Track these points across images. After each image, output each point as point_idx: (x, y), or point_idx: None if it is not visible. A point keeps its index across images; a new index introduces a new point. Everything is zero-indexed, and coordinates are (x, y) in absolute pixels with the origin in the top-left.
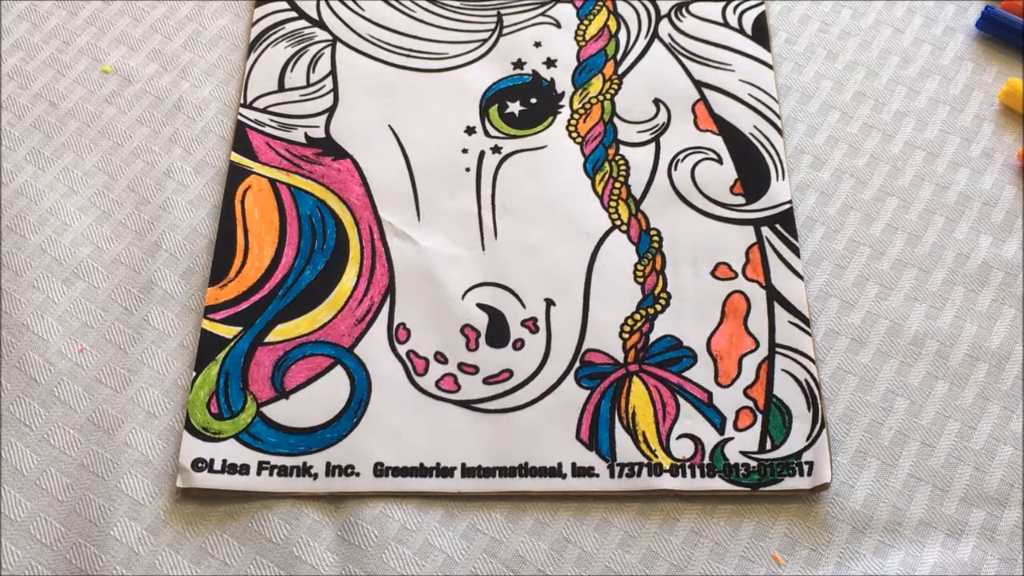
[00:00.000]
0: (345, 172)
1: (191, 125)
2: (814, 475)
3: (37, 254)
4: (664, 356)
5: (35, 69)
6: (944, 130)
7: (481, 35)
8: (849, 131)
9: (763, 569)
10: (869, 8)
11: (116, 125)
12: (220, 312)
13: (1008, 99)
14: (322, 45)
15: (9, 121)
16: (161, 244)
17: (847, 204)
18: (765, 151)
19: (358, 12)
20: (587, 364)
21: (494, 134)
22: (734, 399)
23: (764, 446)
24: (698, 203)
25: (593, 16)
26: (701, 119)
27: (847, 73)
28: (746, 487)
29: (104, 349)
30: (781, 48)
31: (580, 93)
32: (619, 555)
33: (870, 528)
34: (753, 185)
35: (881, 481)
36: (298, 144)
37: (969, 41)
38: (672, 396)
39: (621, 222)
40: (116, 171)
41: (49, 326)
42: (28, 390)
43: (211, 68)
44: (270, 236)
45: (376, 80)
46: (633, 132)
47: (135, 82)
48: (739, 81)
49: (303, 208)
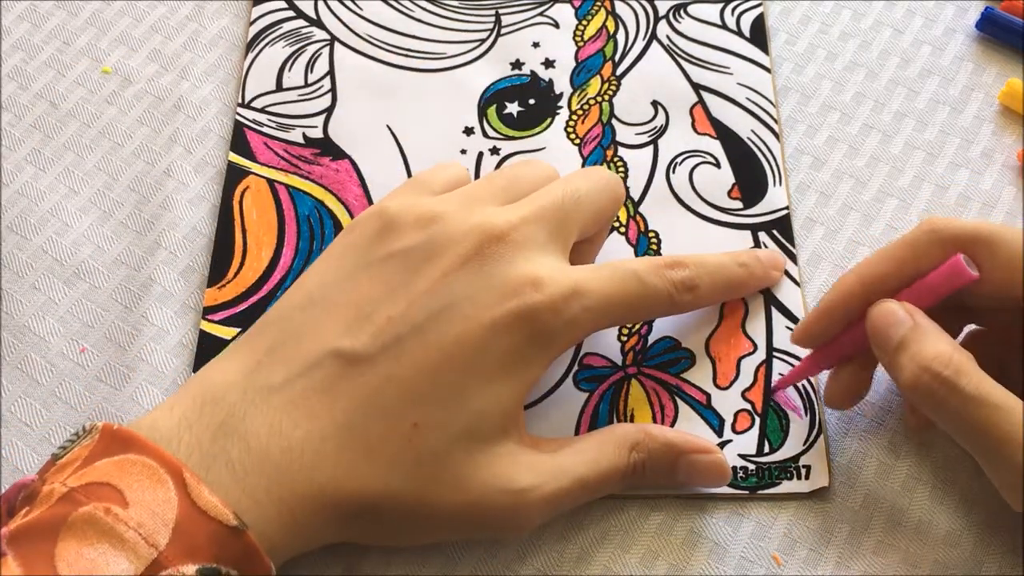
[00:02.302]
0: (343, 172)
1: (191, 125)
2: (812, 479)
3: (38, 255)
4: (663, 358)
5: (35, 70)
6: (944, 131)
7: (479, 35)
8: (849, 132)
9: (763, 569)
10: (869, 9)
11: (116, 125)
12: (219, 313)
13: (1008, 100)
14: (320, 45)
15: (9, 122)
16: (161, 242)
17: (847, 205)
18: (762, 156)
19: (356, 11)
20: (585, 367)
21: (492, 135)
22: (732, 401)
23: (762, 449)
24: (696, 206)
25: (591, 17)
26: (699, 122)
27: (847, 74)
28: (744, 490)
29: (104, 348)
30: (781, 49)
31: (578, 94)
32: (619, 555)
33: (870, 528)
34: (750, 190)
35: (881, 481)
36: (296, 144)
37: (969, 42)
38: (670, 398)
39: (619, 223)
40: (116, 171)
41: (51, 327)
42: (29, 391)
43: (211, 68)
44: (268, 237)
45: (374, 80)
46: (631, 134)
47: (135, 82)
48: (737, 84)
49: (301, 209)
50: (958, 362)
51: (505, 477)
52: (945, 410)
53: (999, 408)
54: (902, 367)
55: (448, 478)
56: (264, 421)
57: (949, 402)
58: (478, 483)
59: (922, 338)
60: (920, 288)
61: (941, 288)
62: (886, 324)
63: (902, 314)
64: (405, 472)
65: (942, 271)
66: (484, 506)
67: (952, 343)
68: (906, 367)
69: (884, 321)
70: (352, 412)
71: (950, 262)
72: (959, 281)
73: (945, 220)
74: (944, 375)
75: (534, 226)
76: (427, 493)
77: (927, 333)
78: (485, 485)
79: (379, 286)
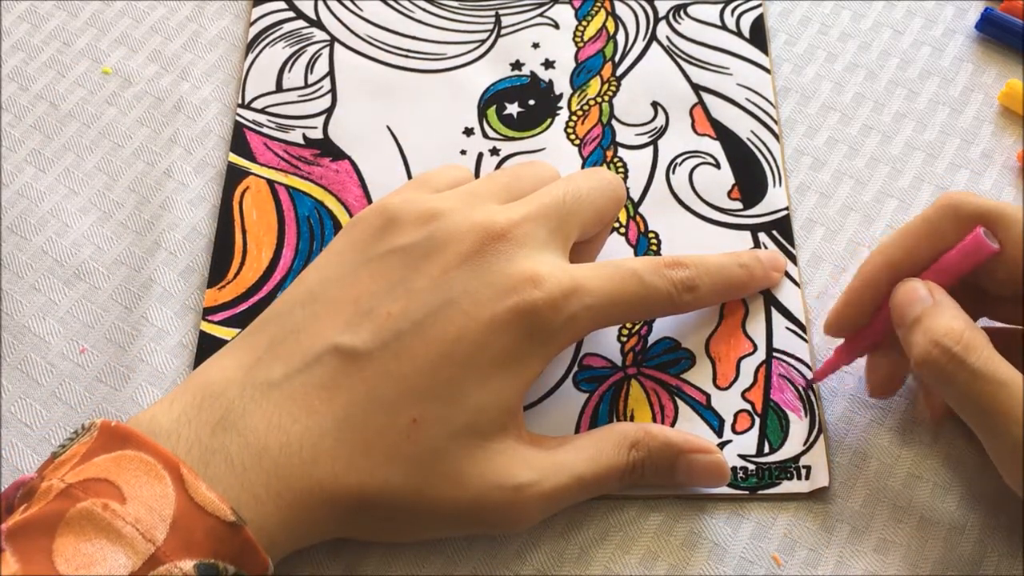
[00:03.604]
0: (343, 173)
1: (191, 125)
2: (812, 479)
3: (38, 256)
4: (663, 358)
5: (36, 70)
6: (944, 131)
7: (479, 36)
8: (849, 132)
9: (763, 570)
10: (869, 10)
11: (117, 126)
12: (219, 314)
13: (1008, 101)
14: (320, 45)
15: (9, 122)
16: (161, 243)
17: (847, 205)
18: (762, 156)
19: (356, 12)
20: (585, 368)
21: (492, 136)
22: (732, 402)
23: (762, 449)
24: (696, 207)
25: (591, 17)
26: (699, 123)
27: (847, 75)
28: (744, 491)
29: (104, 349)
30: (781, 50)
31: (578, 95)
32: (618, 555)
33: (870, 528)
34: (750, 191)
35: (881, 481)
36: (296, 145)
37: (968, 43)
38: (670, 398)
39: (619, 224)
40: (117, 172)
41: (51, 328)
42: (29, 391)
43: (211, 69)
44: (268, 238)
45: (374, 81)
46: (631, 135)
47: (135, 83)
48: (736, 85)
49: (301, 209)
50: (969, 338)
51: (504, 473)
52: (953, 386)
53: (1004, 384)
54: (915, 343)
55: (447, 474)
56: (263, 416)
57: (957, 378)
58: (477, 479)
59: (937, 314)
60: (942, 265)
61: (963, 263)
62: (907, 301)
63: (923, 292)
64: (404, 467)
65: (963, 245)
66: (482, 502)
67: (967, 321)
68: (918, 342)
69: (906, 298)
70: (351, 408)
71: (971, 236)
72: (981, 254)
73: (963, 195)
74: (954, 351)
75: (535, 224)
76: (425, 488)
77: (943, 309)
78: (483, 481)
79: (379, 282)
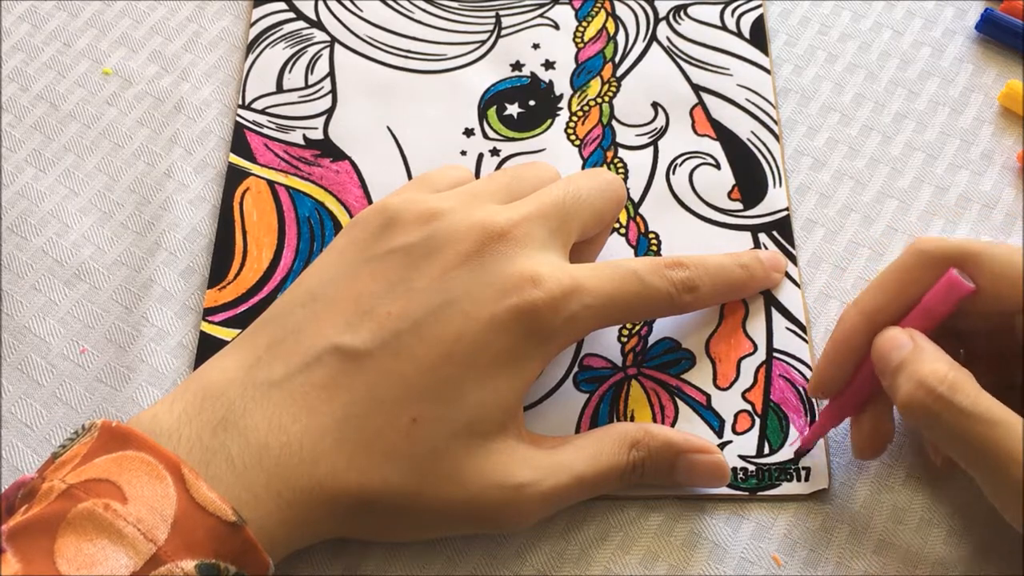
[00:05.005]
0: (344, 174)
1: (192, 126)
2: (811, 480)
3: (39, 256)
4: (663, 359)
5: (36, 71)
6: (944, 132)
7: (480, 36)
8: (849, 133)
9: (763, 570)
10: (868, 10)
11: (117, 127)
12: (219, 314)
13: (1008, 101)
14: (320, 46)
15: (10, 123)
16: (161, 244)
17: (847, 206)
18: (762, 157)
19: (356, 13)
20: (585, 368)
21: (492, 136)
22: (733, 402)
23: (762, 450)
24: (696, 208)
25: (592, 18)
26: (699, 123)
27: (847, 75)
28: (744, 491)
29: (105, 349)
30: (781, 50)
31: (579, 95)
32: (619, 556)
33: (870, 529)
34: (750, 191)
35: (881, 482)
36: (296, 145)
37: (968, 43)
38: (671, 399)
39: (620, 225)
40: (117, 172)
41: (51, 328)
42: (30, 392)
43: (212, 69)
44: (268, 238)
45: (375, 81)
46: (631, 135)
47: (136, 84)
48: (737, 86)
49: (301, 210)
50: (953, 379)
51: (503, 472)
52: (940, 427)
53: (998, 424)
54: (899, 387)
55: (446, 473)
56: (263, 416)
57: (943, 418)
58: (476, 478)
59: (919, 357)
60: (920, 311)
61: (941, 306)
62: (889, 348)
63: (904, 338)
64: (403, 467)
65: (939, 288)
66: (482, 501)
67: (951, 362)
68: (902, 386)
69: (887, 345)
70: (351, 407)
71: (945, 278)
72: (957, 295)
73: (931, 239)
74: (939, 390)
75: (535, 224)
76: (425, 488)
77: (926, 352)
78: (483, 480)
79: (379, 282)
